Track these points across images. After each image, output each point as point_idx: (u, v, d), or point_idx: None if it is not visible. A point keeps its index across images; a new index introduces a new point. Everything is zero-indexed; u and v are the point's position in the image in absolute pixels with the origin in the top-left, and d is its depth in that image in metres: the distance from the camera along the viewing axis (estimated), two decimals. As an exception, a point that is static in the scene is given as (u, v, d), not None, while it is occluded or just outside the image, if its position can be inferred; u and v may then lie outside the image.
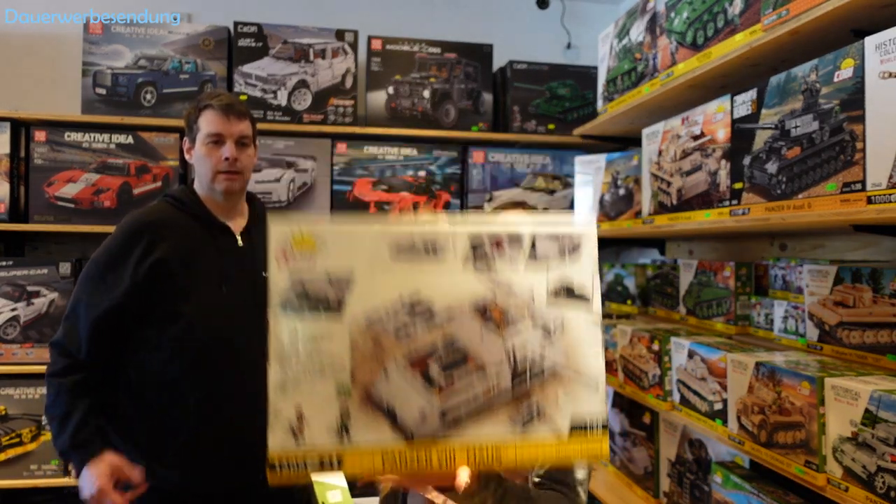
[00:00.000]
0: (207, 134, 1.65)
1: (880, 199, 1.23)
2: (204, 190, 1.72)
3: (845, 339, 1.56)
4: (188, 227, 1.66)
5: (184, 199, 1.69)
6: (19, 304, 2.59)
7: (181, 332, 1.57)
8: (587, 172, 2.68)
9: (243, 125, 1.68)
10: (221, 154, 1.65)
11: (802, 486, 1.42)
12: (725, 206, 1.73)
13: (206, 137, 1.65)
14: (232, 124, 1.66)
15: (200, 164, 1.68)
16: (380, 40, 2.97)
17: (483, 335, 0.85)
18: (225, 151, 1.65)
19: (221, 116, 1.65)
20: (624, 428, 2.49)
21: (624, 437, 2.49)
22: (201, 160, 1.67)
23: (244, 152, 1.69)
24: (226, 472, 1.60)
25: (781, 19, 1.54)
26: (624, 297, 2.75)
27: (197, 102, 1.70)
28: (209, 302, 1.60)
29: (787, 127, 1.49)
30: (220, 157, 1.65)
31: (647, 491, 2.30)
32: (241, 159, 1.67)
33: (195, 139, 1.68)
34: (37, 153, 2.67)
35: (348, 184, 2.91)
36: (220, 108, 1.65)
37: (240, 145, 1.68)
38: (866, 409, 1.25)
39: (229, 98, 1.69)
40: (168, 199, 1.70)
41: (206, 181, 1.69)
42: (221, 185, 1.67)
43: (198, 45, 2.83)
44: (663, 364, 1.99)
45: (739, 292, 2.02)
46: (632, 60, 2.36)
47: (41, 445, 2.60)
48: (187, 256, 1.61)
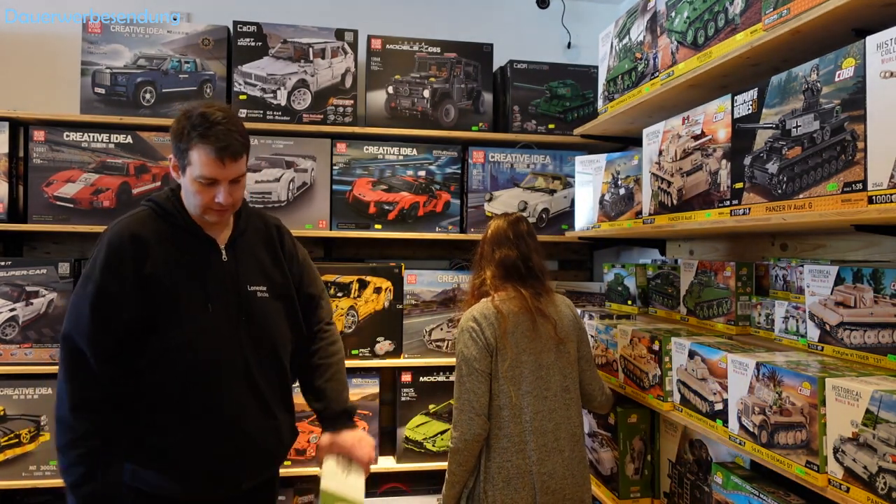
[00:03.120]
0: (200, 175, 1.54)
1: (881, 199, 1.23)
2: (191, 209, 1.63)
3: (846, 340, 1.56)
4: (173, 239, 1.60)
5: (168, 208, 1.62)
6: (18, 305, 2.58)
7: (168, 354, 1.54)
8: (587, 172, 2.68)
9: (239, 165, 1.57)
10: (214, 196, 1.56)
11: (803, 486, 1.42)
12: (726, 206, 1.73)
13: (198, 177, 1.54)
14: (227, 168, 1.55)
15: (190, 196, 1.59)
16: (380, 40, 2.97)
17: None
18: (218, 196, 1.56)
19: (216, 161, 1.53)
20: (591, 428, 2.49)
21: (591, 438, 2.49)
22: (191, 194, 1.58)
23: (237, 188, 1.61)
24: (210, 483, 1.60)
25: (782, 19, 1.54)
26: (624, 297, 2.75)
27: (190, 125, 1.53)
28: (195, 323, 1.57)
29: (788, 127, 1.48)
30: (213, 198, 1.56)
31: (613, 492, 2.31)
32: (233, 196, 1.59)
33: (184, 168, 1.57)
34: (36, 153, 2.67)
35: (348, 184, 2.90)
36: (216, 152, 1.52)
37: (233, 184, 1.59)
38: (867, 409, 1.25)
39: (226, 135, 1.53)
40: (152, 205, 1.63)
41: (194, 211, 1.61)
42: (212, 217, 1.61)
43: (197, 44, 2.83)
44: (664, 364, 1.98)
45: (740, 292, 2.02)
46: (632, 60, 2.36)
47: (40, 446, 2.60)
48: (174, 272, 1.57)
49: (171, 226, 1.61)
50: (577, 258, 3.47)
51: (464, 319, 1.97)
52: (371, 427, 2.82)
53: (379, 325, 2.84)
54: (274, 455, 1.73)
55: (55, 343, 2.59)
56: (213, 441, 1.58)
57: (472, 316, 1.96)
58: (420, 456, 2.86)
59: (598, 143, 2.93)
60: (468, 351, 1.92)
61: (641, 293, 2.65)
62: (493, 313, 1.94)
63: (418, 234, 2.94)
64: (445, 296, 2.93)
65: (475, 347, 1.92)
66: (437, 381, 2.89)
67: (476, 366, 1.91)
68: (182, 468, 1.57)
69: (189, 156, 1.54)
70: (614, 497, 2.29)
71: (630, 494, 2.27)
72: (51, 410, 2.60)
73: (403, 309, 2.87)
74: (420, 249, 3.25)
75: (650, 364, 2.06)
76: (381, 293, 2.86)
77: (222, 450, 1.59)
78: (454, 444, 1.90)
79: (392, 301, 2.86)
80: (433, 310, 2.92)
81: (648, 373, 2.08)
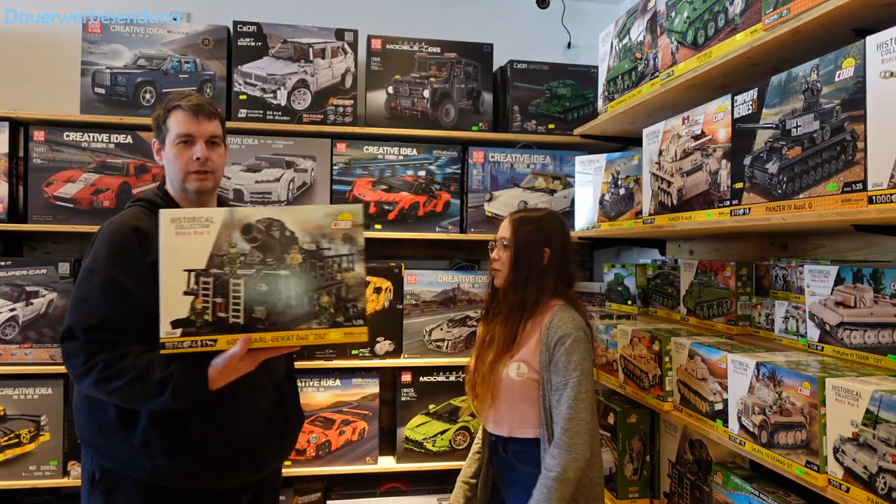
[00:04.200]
0: (177, 135, 1.65)
1: (881, 199, 1.23)
2: (176, 190, 1.71)
3: (846, 340, 1.56)
4: None
5: (156, 201, 1.67)
6: (18, 305, 2.58)
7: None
8: (587, 172, 2.68)
9: (213, 125, 1.68)
10: (192, 154, 1.65)
11: (803, 486, 1.42)
12: (726, 206, 1.73)
13: (176, 138, 1.65)
14: (202, 124, 1.66)
15: (171, 165, 1.67)
16: (379, 40, 2.97)
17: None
18: (196, 151, 1.65)
19: (191, 117, 1.65)
20: None
21: None
22: (172, 161, 1.67)
23: (215, 151, 1.69)
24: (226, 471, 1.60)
25: (782, 19, 1.54)
26: (624, 297, 2.75)
27: (166, 103, 1.69)
28: None
29: (788, 126, 1.48)
30: (191, 157, 1.65)
31: (612, 492, 2.31)
32: (212, 158, 1.67)
33: (164, 140, 1.68)
34: (35, 153, 2.67)
35: (348, 184, 2.90)
36: (190, 109, 1.65)
37: (210, 145, 1.68)
38: (867, 409, 1.25)
39: (198, 98, 1.69)
40: (141, 203, 1.68)
41: (177, 182, 1.68)
42: (193, 184, 1.67)
43: (197, 44, 2.83)
44: (664, 364, 1.98)
45: (740, 292, 2.02)
46: (632, 60, 2.36)
47: (40, 446, 2.60)
48: None
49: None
50: (577, 258, 3.46)
51: (574, 326, 1.75)
52: (371, 427, 2.82)
53: (379, 325, 2.84)
54: (287, 432, 1.75)
55: (55, 343, 2.59)
56: (230, 420, 1.59)
57: (583, 324, 1.77)
58: (420, 456, 2.86)
59: (598, 143, 2.93)
60: (588, 364, 1.72)
61: (641, 293, 2.65)
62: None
63: (418, 234, 2.94)
64: (445, 296, 2.93)
65: (590, 361, 1.73)
66: (437, 382, 2.89)
67: (591, 383, 1.71)
68: (204, 452, 1.56)
69: (167, 124, 1.67)
70: (613, 497, 2.29)
71: (628, 495, 2.27)
72: (51, 410, 2.61)
73: (403, 309, 2.88)
74: (420, 249, 3.25)
75: (650, 364, 2.06)
76: (381, 293, 2.86)
77: (242, 427, 1.60)
78: (567, 473, 1.64)
79: (392, 301, 2.86)
80: (433, 310, 2.92)
81: (648, 373, 2.08)
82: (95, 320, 1.50)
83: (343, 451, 2.79)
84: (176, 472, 1.55)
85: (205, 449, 1.57)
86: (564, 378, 1.70)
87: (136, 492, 1.57)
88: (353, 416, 2.81)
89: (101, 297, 1.51)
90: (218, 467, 1.59)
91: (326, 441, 2.77)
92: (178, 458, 1.55)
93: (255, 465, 1.65)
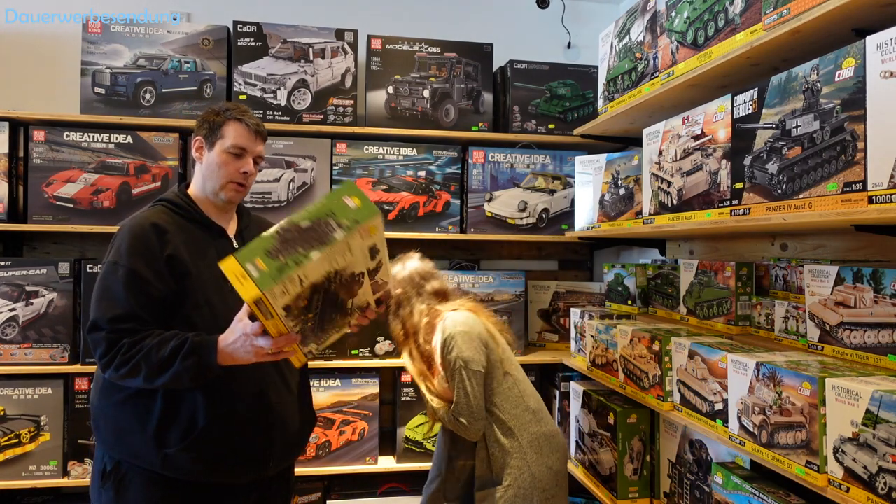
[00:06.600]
0: (233, 145, 1.72)
1: (881, 199, 1.23)
2: (206, 193, 1.75)
3: (846, 340, 1.56)
4: (188, 230, 1.69)
5: (180, 203, 1.72)
6: (18, 304, 2.58)
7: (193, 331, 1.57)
8: (587, 172, 2.68)
9: (262, 147, 1.80)
10: (240, 167, 1.73)
11: (803, 486, 1.42)
12: (726, 206, 1.73)
13: (231, 147, 1.72)
14: (256, 143, 1.77)
15: (215, 169, 1.73)
16: (379, 40, 2.97)
17: None
18: (245, 166, 1.74)
19: (250, 133, 1.74)
20: (591, 428, 2.49)
21: (591, 438, 2.49)
22: (217, 166, 1.73)
23: (256, 170, 1.80)
24: (235, 466, 1.62)
25: (782, 19, 1.54)
26: (624, 297, 2.75)
27: (224, 110, 1.75)
28: (216, 302, 1.63)
29: (788, 126, 1.48)
30: (238, 170, 1.73)
31: (612, 492, 2.31)
32: (253, 175, 1.78)
33: (214, 144, 1.73)
34: (35, 153, 2.67)
35: (348, 184, 2.90)
36: (252, 126, 1.75)
37: (254, 163, 1.78)
38: (867, 409, 1.25)
39: (257, 119, 1.79)
40: (163, 203, 1.73)
41: (214, 185, 1.74)
42: (230, 193, 1.74)
43: (197, 44, 2.83)
44: (664, 364, 1.98)
45: (740, 292, 2.02)
46: (632, 60, 2.36)
47: (40, 446, 2.60)
48: (192, 255, 1.64)
49: (184, 219, 1.71)
50: (577, 258, 3.47)
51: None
52: (371, 427, 2.82)
53: (379, 325, 2.84)
54: (298, 432, 1.77)
55: (55, 343, 2.59)
56: (241, 414, 1.61)
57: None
58: (420, 456, 2.86)
59: (598, 143, 2.93)
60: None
61: (641, 293, 2.65)
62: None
63: (418, 234, 2.93)
64: (445, 296, 2.92)
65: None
66: (437, 381, 2.89)
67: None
68: (213, 445, 1.58)
69: (222, 129, 1.73)
70: (612, 497, 2.29)
71: (628, 495, 2.27)
72: (51, 410, 2.60)
73: (403, 309, 2.87)
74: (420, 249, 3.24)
75: (650, 364, 2.06)
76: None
77: (251, 423, 1.63)
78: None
79: (392, 301, 2.86)
80: (433, 310, 2.91)
81: (648, 373, 2.07)
82: (119, 311, 1.55)
83: (343, 451, 2.79)
84: (186, 463, 1.57)
85: (214, 443, 1.59)
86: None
87: (146, 484, 1.59)
88: (353, 415, 2.81)
89: (123, 290, 1.56)
90: (227, 462, 1.61)
91: (326, 441, 2.77)
92: (189, 450, 1.57)
93: (264, 462, 1.67)
